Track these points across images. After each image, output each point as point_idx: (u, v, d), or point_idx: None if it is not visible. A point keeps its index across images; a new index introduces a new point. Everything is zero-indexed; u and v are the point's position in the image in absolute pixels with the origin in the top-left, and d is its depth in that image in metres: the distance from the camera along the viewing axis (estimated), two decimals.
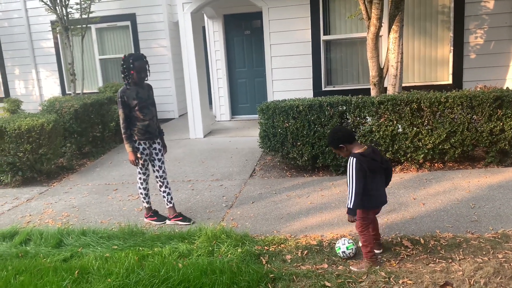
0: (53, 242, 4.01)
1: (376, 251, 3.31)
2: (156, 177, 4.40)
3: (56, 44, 10.30)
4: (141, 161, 4.28)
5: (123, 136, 4.19)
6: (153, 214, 4.50)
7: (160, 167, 4.38)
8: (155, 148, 4.36)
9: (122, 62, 4.14)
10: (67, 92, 10.31)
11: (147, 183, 4.45)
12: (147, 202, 4.48)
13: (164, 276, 3.13)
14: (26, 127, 5.90)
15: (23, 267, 3.48)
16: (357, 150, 3.11)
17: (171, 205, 4.43)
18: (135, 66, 4.09)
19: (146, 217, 4.51)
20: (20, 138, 5.91)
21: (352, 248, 3.32)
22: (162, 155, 4.42)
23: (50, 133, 6.18)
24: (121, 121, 4.18)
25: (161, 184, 4.40)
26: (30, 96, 10.67)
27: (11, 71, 10.67)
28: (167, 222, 4.42)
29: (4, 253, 3.90)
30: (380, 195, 3.20)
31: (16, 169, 6.07)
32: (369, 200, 3.11)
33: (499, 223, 3.69)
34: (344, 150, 3.17)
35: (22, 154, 5.94)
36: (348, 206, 3.05)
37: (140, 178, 4.40)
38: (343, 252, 3.32)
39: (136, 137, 4.22)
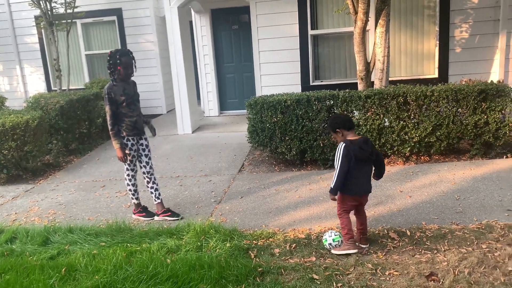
0: (40, 240, 3.97)
1: (363, 246, 3.37)
2: (143, 173, 4.37)
3: (40, 39, 10.13)
4: (129, 158, 4.25)
5: (111, 132, 4.15)
6: (142, 210, 4.48)
7: (147, 162, 4.36)
8: (142, 144, 4.34)
9: (108, 58, 4.12)
10: (53, 88, 10.16)
11: (135, 179, 4.42)
12: (136, 198, 4.46)
13: (152, 272, 3.13)
14: (11, 124, 5.81)
15: (9, 266, 3.44)
16: (350, 137, 3.27)
17: (159, 200, 4.42)
18: (122, 62, 4.07)
19: (134, 213, 4.48)
20: (4, 135, 5.81)
21: (338, 240, 3.35)
22: (149, 151, 4.40)
23: (35, 130, 6.09)
24: (108, 118, 4.14)
25: (149, 180, 4.38)
26: (14, 92, 10.48)
27: None
28: (156, 218, 4.40)
29: None
30: (363, 184, 3.31)
31: (1, 167, 5.98)
32: (350, 186, 3.24)
33: (483, 214, 3.76)
34: (339, 135, 3.31)
35: (6, 151, 5.85)
36: (331, 186, 3.26)
37: (128, 175, 4.37)
38: (330, 244, 3.36)
39: (124, 133, 4.19)
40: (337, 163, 3.21)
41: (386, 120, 5.21)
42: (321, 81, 7.84)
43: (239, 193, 4.86)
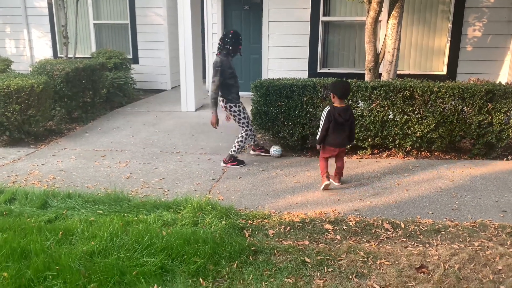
0: (38, 203, 4.02)
1: (336, 183, 4.42)
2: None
3: (49, 4, 10.03)
4: (245, 120, 5.01)
5: (212, 99, 4.85)
6: (234, 160, 5.10)
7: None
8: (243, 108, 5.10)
9: (230, 36, 4.77)
10: (59, 55, 10.12)
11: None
12: (237, 152, 5.09)
13: (147, 242, 3.17)
14: (15, 87, 5.81)
15: (7, 225, 3.49)
16: (337, 103, 4.16)
17: (256, 142, 5.43)
18: (241, 42, 4.87)
19: (225, 162, 5.09)
20: (8, 97, 5.81)
21: (279, 151, 5.31)
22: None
23: (39, 95, 6.09)
24: (214, 88, 4.80)
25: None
26: (20, 56, 10.44)
27: (1, 29, 10.41)
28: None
29: None
30: (339, 140, 4.23)
31: (3, 129, 6.00)
32: (329, 140, 4.23)
33: (478, 213, 3.79)
34: (331, 97, 4.25)
35: (10, 114, 5.86)
36: (316, 138, 4.33)
37: (247, 134, 5.06)
38: (275, 150, 5.27)
39: (235, 101, 4.94)
40: (321, 122, 4.20)
41: (391, 112, 5.20)
42: (329, 69, 7.80)
43: (238, 174, 4.89)
